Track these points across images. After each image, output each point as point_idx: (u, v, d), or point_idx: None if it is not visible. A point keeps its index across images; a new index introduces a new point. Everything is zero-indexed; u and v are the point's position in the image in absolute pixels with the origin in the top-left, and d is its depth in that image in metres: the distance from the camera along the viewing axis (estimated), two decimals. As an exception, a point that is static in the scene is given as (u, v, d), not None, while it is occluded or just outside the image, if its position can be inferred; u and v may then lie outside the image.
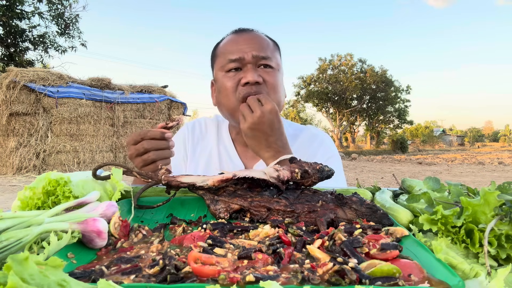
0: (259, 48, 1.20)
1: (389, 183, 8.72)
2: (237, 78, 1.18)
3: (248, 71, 1.17)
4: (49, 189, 0.67)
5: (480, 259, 0.53)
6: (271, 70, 1.20)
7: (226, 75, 1.21)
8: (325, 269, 0.43)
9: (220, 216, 0.73)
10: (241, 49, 1.19)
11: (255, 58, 1.18)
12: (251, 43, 1.21)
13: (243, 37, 1.24)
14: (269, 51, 1.22)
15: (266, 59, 1.19)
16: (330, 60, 32.82)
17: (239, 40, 1.23)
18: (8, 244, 0.46)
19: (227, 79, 1.20)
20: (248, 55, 1.18)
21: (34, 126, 9.07)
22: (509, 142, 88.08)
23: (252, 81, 1.15)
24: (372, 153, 28.07)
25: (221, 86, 1.23)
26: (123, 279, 0.42)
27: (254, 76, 1.15)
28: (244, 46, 1.20)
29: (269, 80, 1.19)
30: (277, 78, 1.22)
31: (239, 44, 1.22)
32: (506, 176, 11.03)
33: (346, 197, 0.71)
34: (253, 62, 1.18)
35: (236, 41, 1.24)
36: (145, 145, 1.01)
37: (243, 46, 1.20)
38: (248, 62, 1.18)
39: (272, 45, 1.28)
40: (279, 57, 1.30)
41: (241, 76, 1.17)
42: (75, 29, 14.91)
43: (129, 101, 10.39)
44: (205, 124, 1.48)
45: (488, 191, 0.55)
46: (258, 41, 1.22)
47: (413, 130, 57.14)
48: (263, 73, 1.19)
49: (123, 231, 0.60)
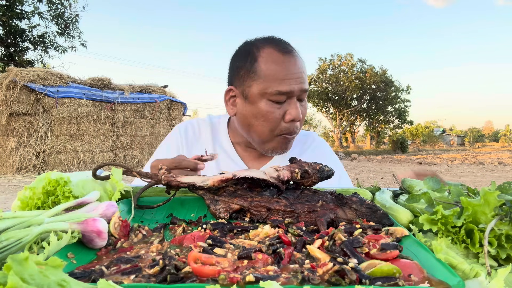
0: (305, 80, 1.17)
1: (389, 183, 8.72)
2: (282, 111, 1.15)
3: (293, 108, 1.14)
4: (49, 189, 0.67)
5: (480, 259, 0.53)
6: (305, 103, 1.21)
7: (272, 105, 1.15)
8: (325, 269, 0.43)
9: (220, 216, 0.73)
10: (291, 82, 1.13)
11: (300, 91, 1.15)
12: (298, 73, 1.15)
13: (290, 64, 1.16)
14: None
15: (306, 92, 1.18)
16: (330, 60, 32.82)
17: (287, 67, 1.15)
18: (8, 244, 0.46)
19: (272, 109, 1.15)
20: (296, 90, 1.14)
21: (34, 126, 9.07)
22: (509, 142, 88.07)
23: (297, 119, 1.15)
24: (372, 153, 28.07)
25: (262, 113, 1.16)
26: (123, 279, 0.42)
27: (299, 114, 1.14)
28: (293, 77, 1.14)
29: (304, 114, 1.20)
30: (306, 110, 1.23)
31: (288, 73, 1.14)
32: (506, 176, 11.03)
33: (346, 197, 0.72)
34: (298, 96, 1.16)
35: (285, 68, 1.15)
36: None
37: (292, 78, 1.14)
38: (294, 96, 1.15)
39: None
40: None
41: (286, 109, 1.14)
42: (75, 29, 14.91)
43: (129, 101, 10.38)
44: (198, 125, 1.43)
45: (488, 191, 0.55)
46: (303, 71, 1.18)
47: (413, 130, 57.14)
48: (302, 108, 1.18)
49: (123, 231, 0.60)
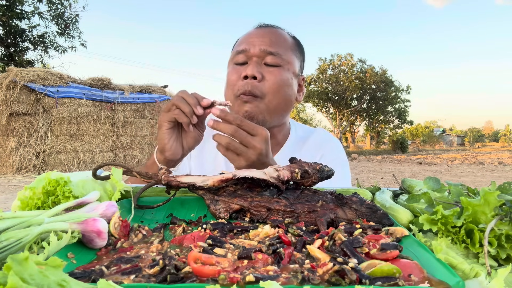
0: (269, 42, 1.15)
1: (389, 183, 8.73)
2: (240, 72, 1.15)
3: (249, 65, 1.13)
4: (49, 189, 0.67)
5: (480, 259, 0.53)
6: (275, 69, 1.15)
7: (233, 67, 1.18)
8: (325, 269, 0.43)
9: (220, 216, 0.73)
10: (251, 42, 1.16)
11: (262, 52, 1.14)
12: (263, 37, 1.17)
13: (258, 31, 1.21)
14: (281, 48, 1.17)
15: (273, 54, 1.14)
16: (330, 60, 32.80)
17: (253, 34, 1.20)
18: (8, 244, 0.46)
19: (232, 72, 1.17)
20: (255, 48, 1.14)
21: (34, 126, 9.06)
22: (509, 142, 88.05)
23: (250, 75, 1.11)
24: (372, 153, 28.06)
25: (226, 79, 1.21)
26: (123, 279, 0.42)
27: (253, 70, 1.11)
28: (255, 39, 1.17)
29: (271, 79, 1.14)
30: (283, 77, 1.16)
31: (251, 37, 1.18)
32: (506, 176, 11.03)
33: (346, 197, 0.71)
34: (260, 57, 1.14)
35: (250, 34, 1.21)
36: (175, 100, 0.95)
37: (253, 39, 1.17)
38: (254, 56, 1.14)
39: (291, 44, 1.23)
40: (297, 57, 1.25)
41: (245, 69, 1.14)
42: (75, 29, 14.91)
43: (129, 101, 10.38)
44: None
45: (488, 191, 0.55)
46: (271, 36, 1.18)
47: (413, 130, 57.14)
48: (266, 71, 1.14)
49: (123, 231, 0.60)
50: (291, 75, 1.20)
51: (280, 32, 1.23)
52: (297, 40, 1.30)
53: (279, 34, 1.22)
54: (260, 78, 1.13)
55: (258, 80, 1.13)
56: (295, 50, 1.25)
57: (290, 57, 1.20)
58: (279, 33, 1.22)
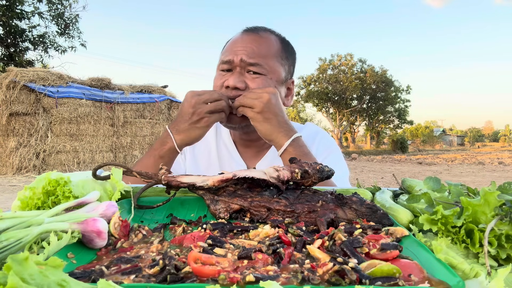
0: (250, 52, 1.19)
1: (389, 183, 8.72)
2: (224, 79, 1.20)
3: (232, 75, 1.18)
4: (49, 189, 0.67)
5: (480, 259, 0.53)
6: (257, 77, 1.19)
7: (219, 74, 1.24)
8: (325, 269, 0.43)
9: (220, 216, 0.73)
10: (234, 51, 1.20)
11: (243, 63, 1.18)
12: (246, 46, 1.20)
13: (243, 38, 1.24)
14: (263, 58, 1.20)
15: (253, 65, 1.18)
16: (330, 60, 32.79)
17: (238, 41, 1.23)
18: (8, 244, 0.46)
19: (217, 78, 1.23)
20: (237, 58, 1.18)
21: (34, 126, 9.06)
22: (509, 142, 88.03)
23: (232, 85, 1.16)
24: (372, 153, 28.06)
25: (213, 83, 1.26)
26: (123, 279, 0.42)
27: (235, 81, 1.16)
28: (239, 47, 1.20)
29: (253, 86, 1.18)
30: (264, 85, 1.19)
31: (235, 45, 1.22)
32: (506, 176, 11.03)
33: (346, 197, 0.71)
34: (242, 66, 1.19)
35: (236, 42, 1.24)
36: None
37: (237, 48, 1.20)
38: (237, 65, 1.19)
39: (276, 50, 1.25)
40: (282, 64, 1.26)
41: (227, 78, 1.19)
42: (75, 29, 14.92)
43: (129, 101, 10.38)
44: None
45: (488, 191, 0.55)
46: (253, 45, 1.20)
47: (413, 130, 57.11)
48: (249, 79, 1.18)
49: (123, 231, 0.60)
50: (274, 83, 1.24)
51: (265, 38, 1.25)
52: (286, 43, 1.31)
53: (263, 41, 1.24)
54: (243, 87, 1.18)
55: (241, 89, 1.18)
56: (280, 56, 1.26)
57: (273, 65, 1.23)
58: (263, 40, 1.24)
